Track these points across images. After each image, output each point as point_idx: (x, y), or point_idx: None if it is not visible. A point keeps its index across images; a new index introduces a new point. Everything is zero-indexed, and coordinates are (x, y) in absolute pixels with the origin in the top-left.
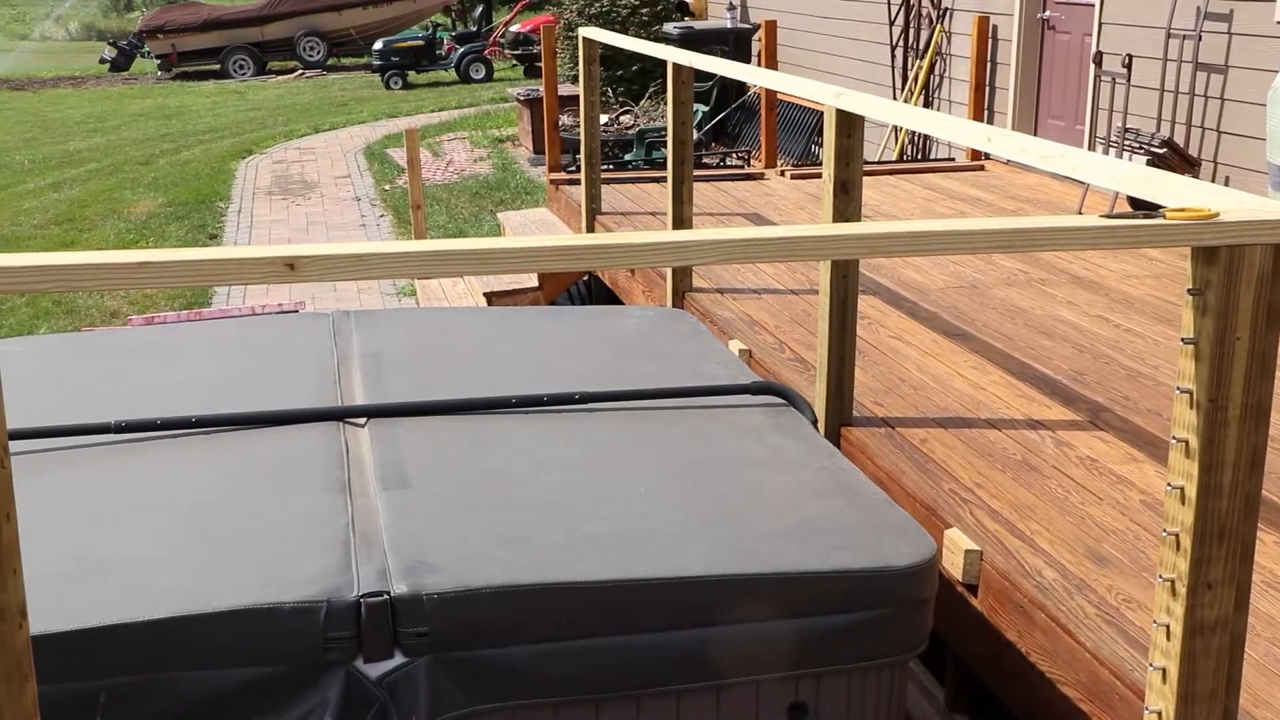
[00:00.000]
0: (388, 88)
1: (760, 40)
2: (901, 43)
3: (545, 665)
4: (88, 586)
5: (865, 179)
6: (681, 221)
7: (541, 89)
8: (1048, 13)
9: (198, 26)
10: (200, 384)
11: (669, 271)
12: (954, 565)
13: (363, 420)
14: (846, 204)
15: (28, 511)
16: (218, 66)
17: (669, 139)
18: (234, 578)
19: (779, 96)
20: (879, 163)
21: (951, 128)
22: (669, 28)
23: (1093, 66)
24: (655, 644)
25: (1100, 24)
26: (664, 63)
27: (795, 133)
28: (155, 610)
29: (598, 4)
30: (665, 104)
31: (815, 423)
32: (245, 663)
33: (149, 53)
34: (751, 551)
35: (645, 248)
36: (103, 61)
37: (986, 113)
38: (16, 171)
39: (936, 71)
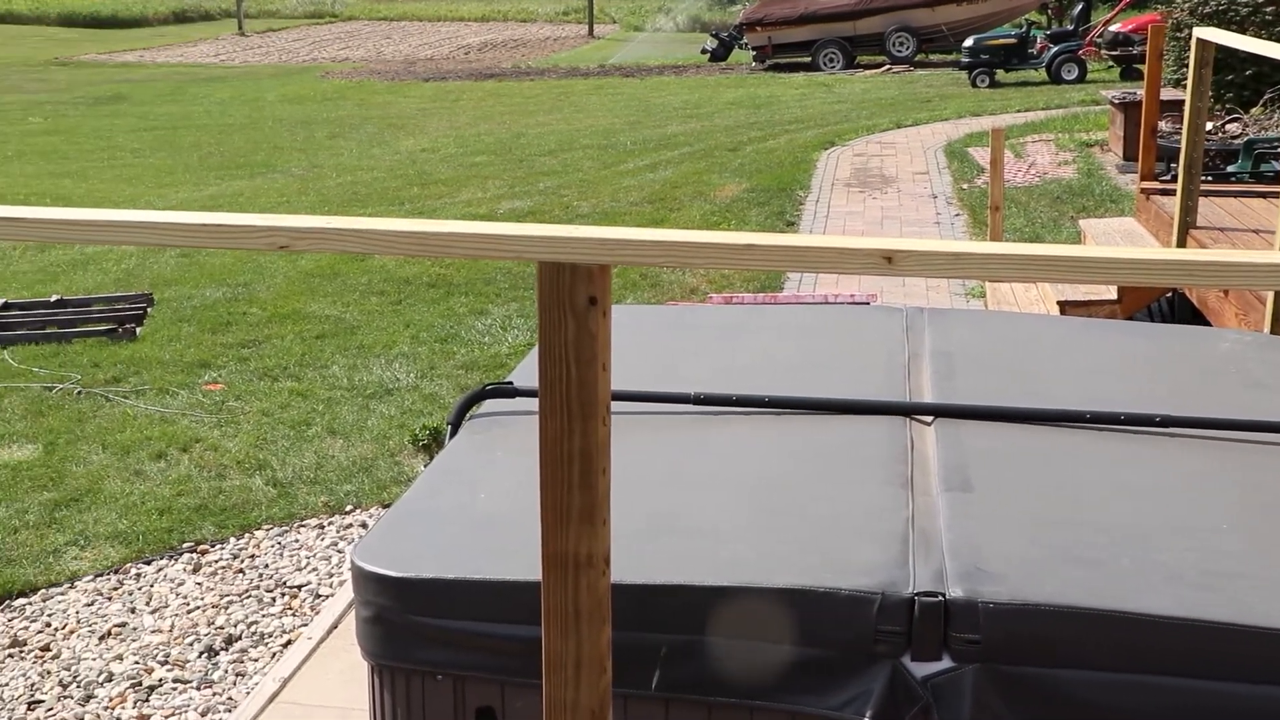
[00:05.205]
0: (974, 85)
1: None
2: None
3: (1098, 695)
4: (658, 545)
5: None
6: None
7: (1139, 92)
8: None
9: (794, 20)
10: (773, 365)
11: (1269, 295)
12: None
13: (929, 418)
14: None
15: (615, 468)
16: (808, 59)
17: None
18: (792, 557)
19: None
20: None
21: None
22: None
23: None
24: (1227, 694)
25: None
26: None
27: None
28: (717, 577)
29: (1213, 2)
30: None
31: None
32: (795, 641)
33: (746, 44)
34: None
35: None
36: (703, 52)
37: None
38: (620, 152)
39: None
